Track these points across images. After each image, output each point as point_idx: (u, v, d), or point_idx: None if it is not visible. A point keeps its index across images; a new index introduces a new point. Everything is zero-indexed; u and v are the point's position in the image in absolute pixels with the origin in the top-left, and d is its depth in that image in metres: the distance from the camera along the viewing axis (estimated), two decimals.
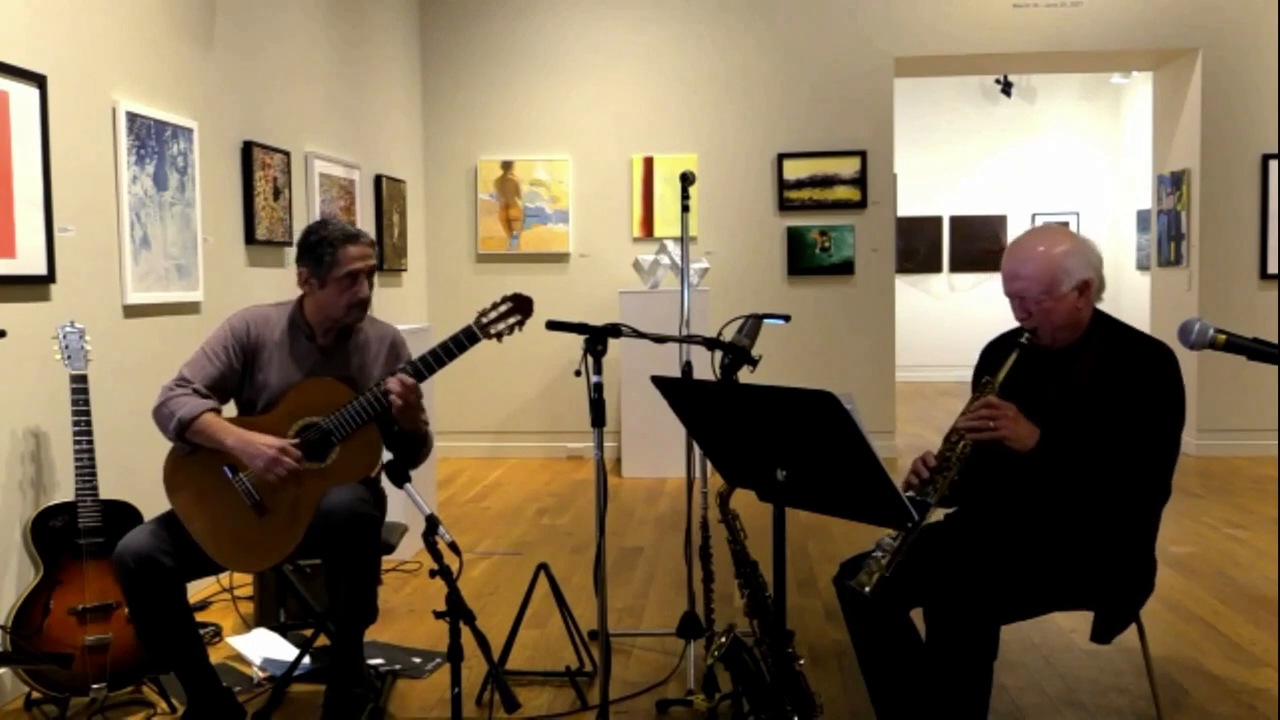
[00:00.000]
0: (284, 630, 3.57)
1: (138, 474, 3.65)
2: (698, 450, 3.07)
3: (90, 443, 3.08)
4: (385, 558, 3.13)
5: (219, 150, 4.61)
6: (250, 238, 4.85)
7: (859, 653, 2.63)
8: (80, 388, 3.11)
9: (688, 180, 3.57)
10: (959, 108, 11.88)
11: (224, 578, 3.81)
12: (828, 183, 7.29)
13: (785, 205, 7.34)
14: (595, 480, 2.75)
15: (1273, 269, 6.99)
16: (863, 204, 7.27)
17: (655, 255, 6.79)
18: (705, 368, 3.05)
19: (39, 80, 3.37)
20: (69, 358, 3.13)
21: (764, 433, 2.23)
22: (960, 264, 12.07)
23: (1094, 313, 2.51)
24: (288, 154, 5.20)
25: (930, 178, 11.88)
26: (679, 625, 3.37)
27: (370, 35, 6.54)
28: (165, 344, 4.06)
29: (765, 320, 3.04)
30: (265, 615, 3.73)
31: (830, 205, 7.30)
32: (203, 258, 4.40)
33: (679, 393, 2.43)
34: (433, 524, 2.52)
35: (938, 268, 12.18)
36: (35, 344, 3.31)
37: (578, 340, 2.74)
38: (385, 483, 2.86)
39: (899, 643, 2.56)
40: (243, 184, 4.82)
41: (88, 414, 3.09)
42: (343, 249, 2.87)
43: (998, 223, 11.98)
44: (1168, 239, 7.56)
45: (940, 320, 11.88)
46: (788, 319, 3.36)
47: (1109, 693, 3.18)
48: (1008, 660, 3.36)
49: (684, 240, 3.69)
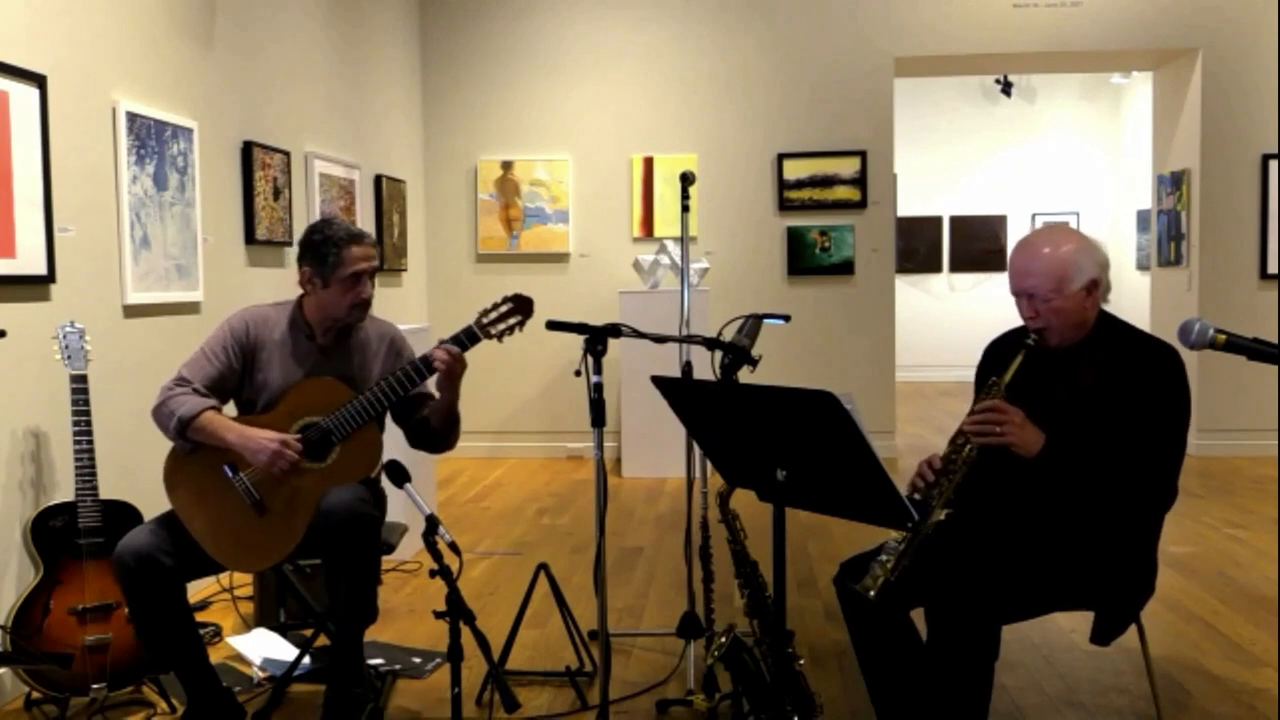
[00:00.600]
0: (284, 630, 3.57)
1: (138, 474, 3.65)
2: (698, 450, 3.07)
3: (90, 443, 3.07)
4: (385, 558, 3.13)
5: (219, 150, 4.61)
6: (250, 238, 4.85)
7: (859, 653, 2.62)
8: (80, 388, 3.11)
9: (688, 180, 3.57)
10: (959, 108, 11.88)
11: (224, 578, 3.81)
12: (828, 183, 7.29)
13: (785, 205, 7.34)
14: (595, 480, 2.75)
15: (1273, 269, 6.99)
16: (863, 204, 7.27)
17: (655, 255, 6.79)
18: (705, 368, 3.05)
19: (39, 80, 3.38)
20: (69, 358, 3.13)
21: (764, 433, 2.23)
22: (960, 264, 12.08)
23: (1099, 313, 2.51)
24: (288, 154, 5.20)
25: (930, 178, 11.88)
26: (679, 625, 3.37)
27: (370, 35, 6.54)
28: (165, 344, 4.06)
29: (765, 320, 3.04)
30: (265, 615, 3.73)
31: (830, 205, 7.30)
32: (203, 258, 4.40)
33: (679, 393, 2.43)
34: (433, 524, 2.52)
35: (938, 268, 12.18)
36: (35, 344, 3.31)
37: (578, 340, 2.74)
38: (385, 483, 2.86)
39: (899, 643, 2.56)
40: (243, 184, 4.82)
41: (88, 414, 3.09)
42: (347, 249, 2.87)
43: (998, 223, 11.99)
44: (1168, 239, 7.56)
45: (940, 320, 11.88)
46: (788, 319, 3.36)
47: (1109, 693, 3.18)
48: (1008, 660, 3.36)
49: (684, 240, 3.69)
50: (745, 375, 2.88)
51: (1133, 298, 10.57)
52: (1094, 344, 2.48)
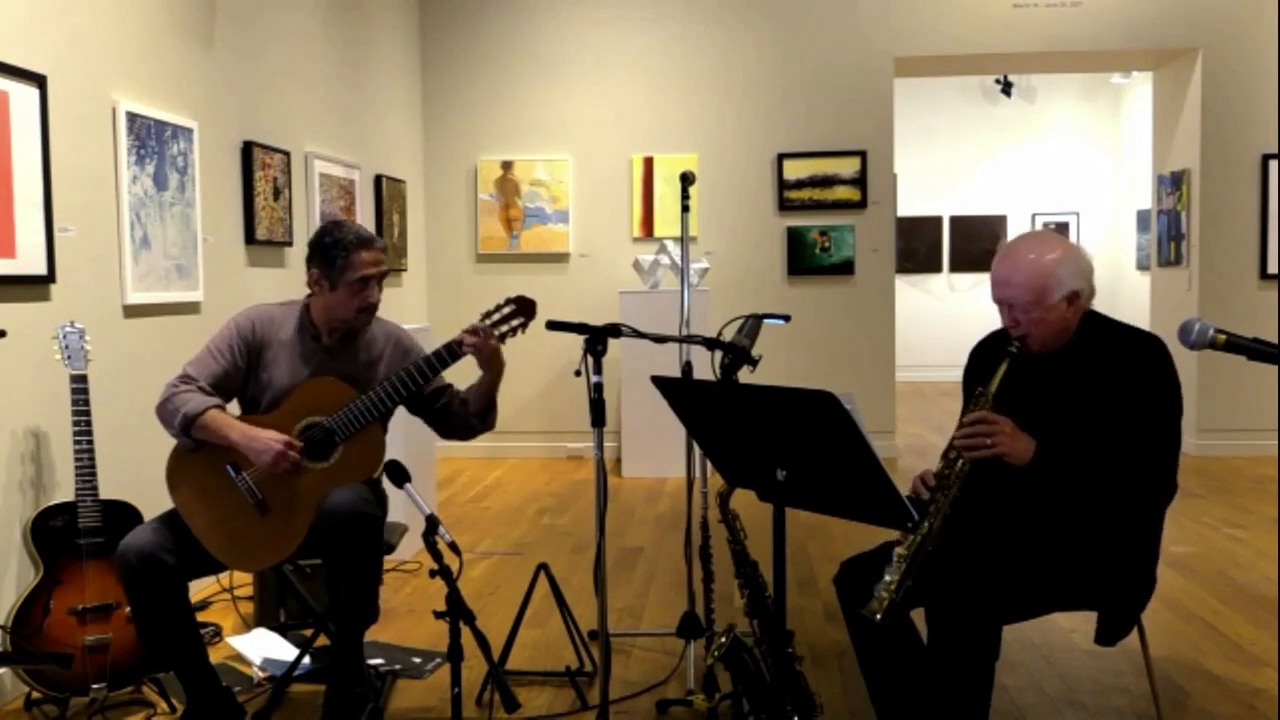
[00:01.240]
0: (284, 630, 3.57)
1: (138, 474, 3.65)
2: (698, 450, 3.07)
3: (90, 443, 3.08)
4: (385, 557, 3.13)
5: (219, 150, 4.61)
6: (250, 238, 4.85)
7: (859, 653, 2.62)
8: (80, 388, 3.11)
9: (688, 180, 3.57)
10: (959, 108, 11.88)
11: (224, 578, 3.80)
12: (828, 183, 7.29)
13: (785, 205, 7.34)
14: (595, 480, 2.75)
15: (1273, 269, 6.99)
16: (863, 204, 7.27)
17: (655, 255, 6.79)
18: (705, 368, 3.05)
19: (39, 80, 3.38)
20: (69, 358, 3.13)
21: (764, 433, 2.23)
22: (960, 264, 12.07)
23: (1085, 313, 2.49)
24: (288, 154, 5.20)
25: (930, 178, 11.88)
26: (679, 625, 3.37)
27: (370, 35, 6.54)
28: (165, 344, 4.06)
29: (765, 320, 3.04)
30: (265, 615, 3.73)
31: (830, 205, 7.30)
32: (203, 258, 4.40)
33: (679, 393, 2.43)
34: (433, 524, 2.52)
35: (938, 268, 12.18)
36: (35, 344, 3.31)
37: (578, 340, 2.74)
38: (385, 483, 2.86)
39: (899, 643, 2.56)
40: (243, 184, 4.82)
41: (88, 414, 3.09)
42: (356, 253, 2.87)
43: (998, 223, 11.98)
44: (1168, 239, 7.56)
45: (940, 320, 11.88)
46: (788, 319, 3.36)
47: (1109, 693, 3.18)
48: (1008, 660, 3.36)
49: (684, 240, 3.69)
50: (745, 375, 2.88)
51: (1133, 298, 10.58)
52: (1078, 346, 2.47)
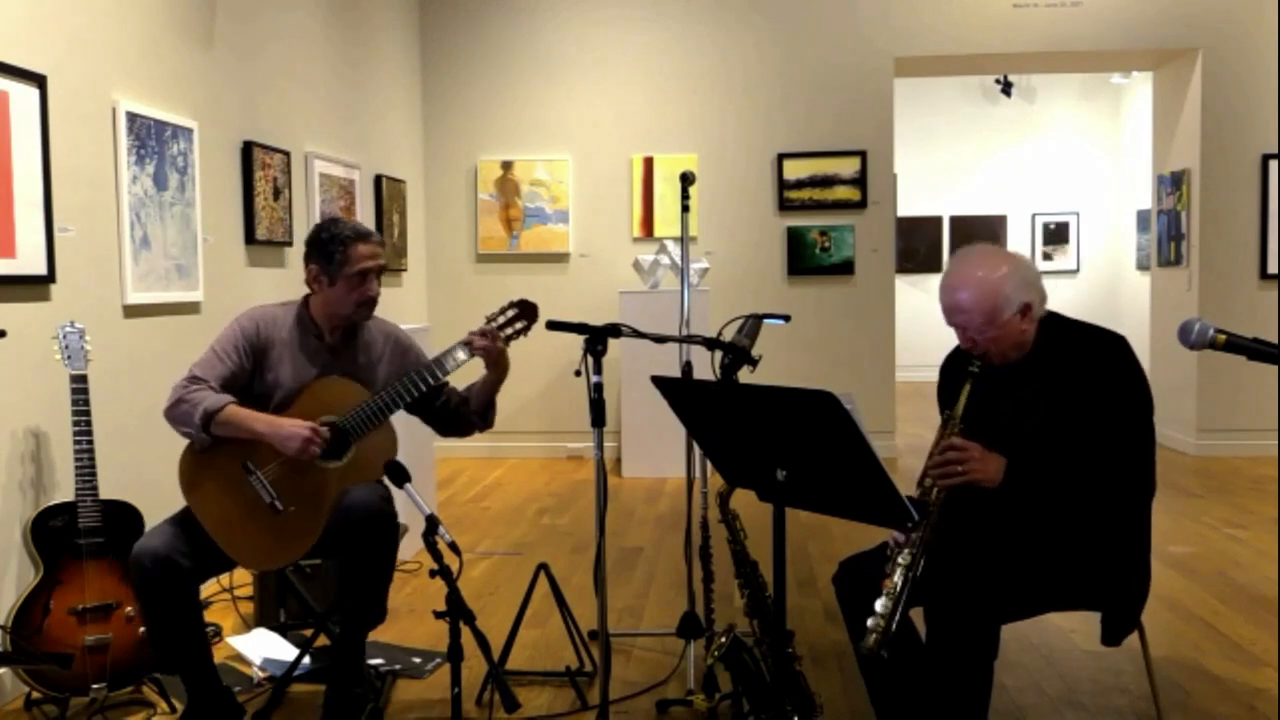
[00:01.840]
0: (284, 630, 3.57)
1: (138, 474, 3.65)
2: (698, 450, 3.08)
3: (90, 443, 3.07)
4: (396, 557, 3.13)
5: (219, 150, 4.61)
6: (250, 238, 4.85)
7: (858, 653, 2.62)
8: (80, 388, 3.11)
9: (688, 180, 3.57)
10: (959, 108, 11.87)
11: (224, 577, 3.80)
12: (828, 183, 7.29)
13: (785, 205, 7.34)
14: (595, 480, 2.75)
15: (1273, 269, 6.99)
16: (863, 204, 7.27)
17: (655, 255, 6.79)
18: (705, 368, 3.05)
19: (39, 80, 3.37)
20: (69, 358, 3.13)
21: (764, 433, 2.23)
22: None
23: (1046, 316, 2.49)
24: (288, 154, 5.20)
25: (930, 178, 11.88)
26: (679, 625, 3.37)
27: (370, 35, 6.54)
28: (165, 344, 4.06)
29: (765, 320, 3.04)
30: (265, 615, 3.73)
31: (830, 205, 7.30)
32: (203, 258, 4.40)
33: (679, 393, 2.43)
34: (433, 524, 2.52)
35: (938, 268, 12.16)
36: (35, 344, 3.31)
37: (578, 340, 2.74)
38: (386, 483, 2.86)
39: (899, 643, 2.55)
40: (243, 184, 4.82)
41: (88, 414, 3.09)
42: (353, 247, 2.87)
43: (998, 223, 11.98)
44: (1168, 239, 7.56)
45: (940, 320, 11.76)
46: (788, 319, 3.36)
47: (1109, 693, 3.18)
48: (1008, 660, 3.36)
49: (684, 240, 3.69)
50: (745, 375, 2.88)
51: (1133, 298, 10.58)
52: (1038, 354, 2.47)
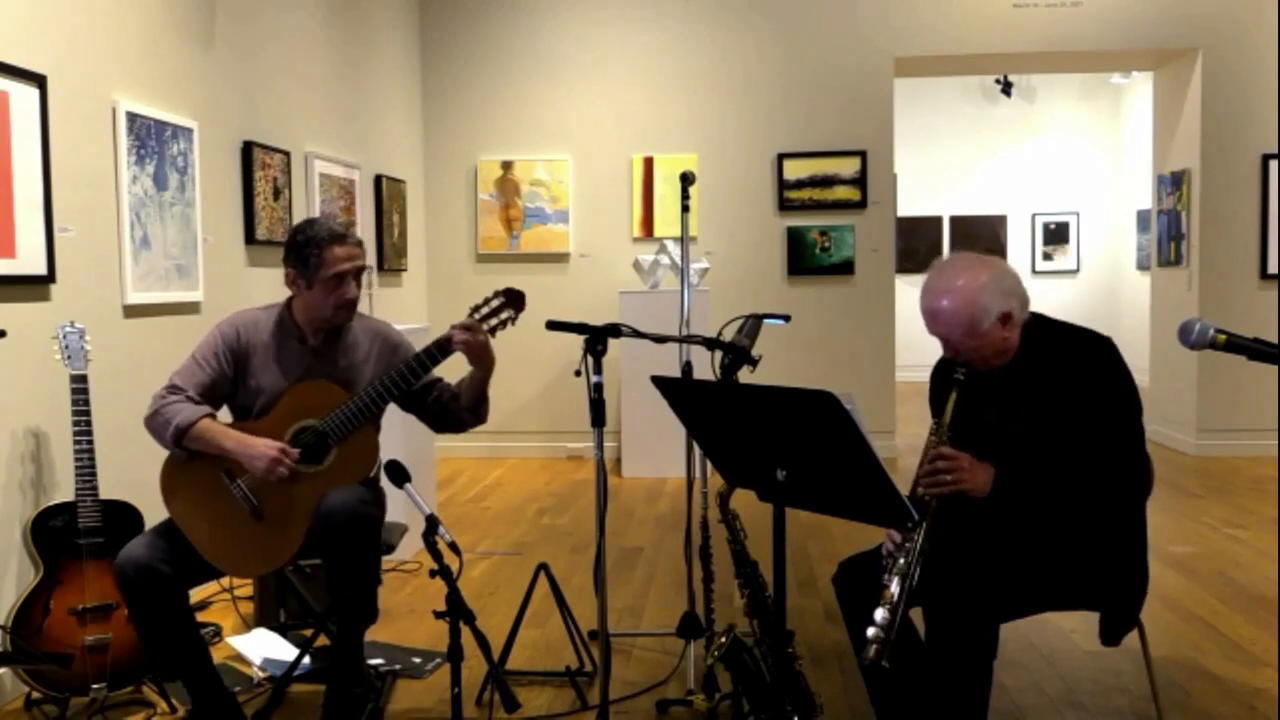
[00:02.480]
0: (284, 630, 3.57)
1: (138, 474, 3.64)
2: (698, 450, 3.07)
3: (90, 443, 3.08)
4: (385, 558, 3.13)
5: (219, 150, 4.61)
6: (250, 238, 4.85)
7: (858, 653, 2.62)
8: (80, 388, 3.11)
9: (688, 180, 3.57)
10: (959, 108, 11.87)
11: (224, 578, 3.80)
12: (828, 183, 7.29)
13: (785, 205, 7.34)
14: (595, 480, 2.75)
15: (1273, 269, 6.99)
16: (863, 204, 7.27)
17: (655, 255, 6.79)
18: (705, 368, 3.05)
19: (39, 80, 3.37)
20: (69, 358, 3.13)
21: (764, 433, 2.23)
22: None
23: (1030, 320, 2.48)
24: (288, 154, 5.20)
25: (930, 178, 11.88)
26: (679, 625, 3.37)
27: (370, 35, 6.54)
28: (165, 344, 4.06)
29: (765, 320, 3.04)
30: (265, 615, 3.73)
31: (830, 205, 7.30)
32: (203, 258, 4.40)
33: (679, 393, 2.43)
34: (433, 524, 2.52)
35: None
36: (35, 344, 3.31)
37: (578, 340, 2.74)
38: (385, 483, 2.86)
39: (898, 642, 2.55)
40: (243, 184, 4.82)
41: (88, 414, 3.09)
42: (329, 250, 2.82)
43: (998, 223, 11.98)
44: (1168, 239, 7.56)
45: None
46: (788, 319, 3.36)
47: (1109, 693, 3.18)
48: (1008, 660, 3.36)
49: (684, 240, 3.69)
50: (745, 375, 2.88)
51: (1133, 298, 10.58)
52: (1024, 358, 2.47)
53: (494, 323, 2.89)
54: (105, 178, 3.79)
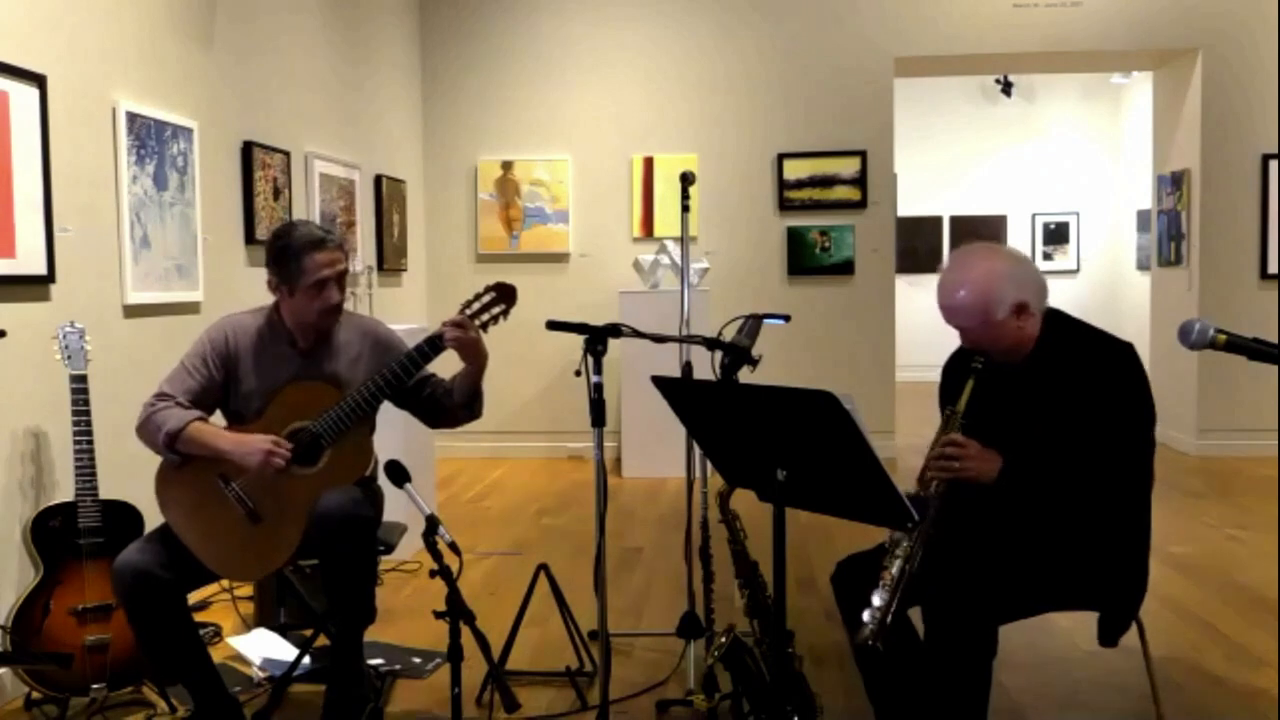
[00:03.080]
0: (284, 630, 3.57)
1: (138, 474, 3.63)
2: (698, 450, 3.07)
3: (90, 443, 3.07)
4: (385, 558, 3.13)
5: (219, 150, 4.61)
6: (250, 238, 4.85)
7: (856, 653, 2.62)
8: (80, 388, 3.11)
9: (688, 180, 3.57)
10: (959, 108, 11.87)
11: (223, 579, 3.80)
12: (828, 183, 7.29)
13: (785, 205, 7.34)
14: (595, 480, 2.75)
15: (1273, 269, 6.99)
16: (863, 204, 7.27)
17: (655, 255, 6.79)
18: (705, 368, 3.05)
19: (39, 80, 3.37)
20: (69, 358, 3.13)
21: (764, 433, 2.23)
22: None
23: (1047, 318, 2.48)
24: (288, 154, 5.20)
25: (930, 178, 11.87)
26: (679, 625, 3.37)
27: (370, 35, 6.54)
28: (165, 344, 4.06)
29: (765, 320, 3.04)
30: (265, 616, 3.73)
31: (830, 205, 7.30)
32: (203, 258, 4.40)
33: (679, 393, 2.43)
34: (433, 524, 2.52)
35: (938, 268, 12.10)
36: (35, 344, 3.30)
37: (578, 340, 2.74)
38: (385, 483, 2.85)
39: (897, 642, 2.56)
40: (243, 184, 4.82)
41: (88, 414, 3.09)
42: (309, 257, 2.78)
43: (998, 223, 11.98)
44: (1168, 239, 7.56)
45: (940, 320, 11.77)
46: (788, 319, 3.36)
47: (1109, 693, 3.18)
48: (1008, 660, 3.36)
49: (684, 240, 3.69)
50: (745, 375, 2.88)
51: (1133, 298, 10.57)
52: (1045, 354, 2.46)
53: (485, 318, 2.88)
54: (105, 178, 3.79)
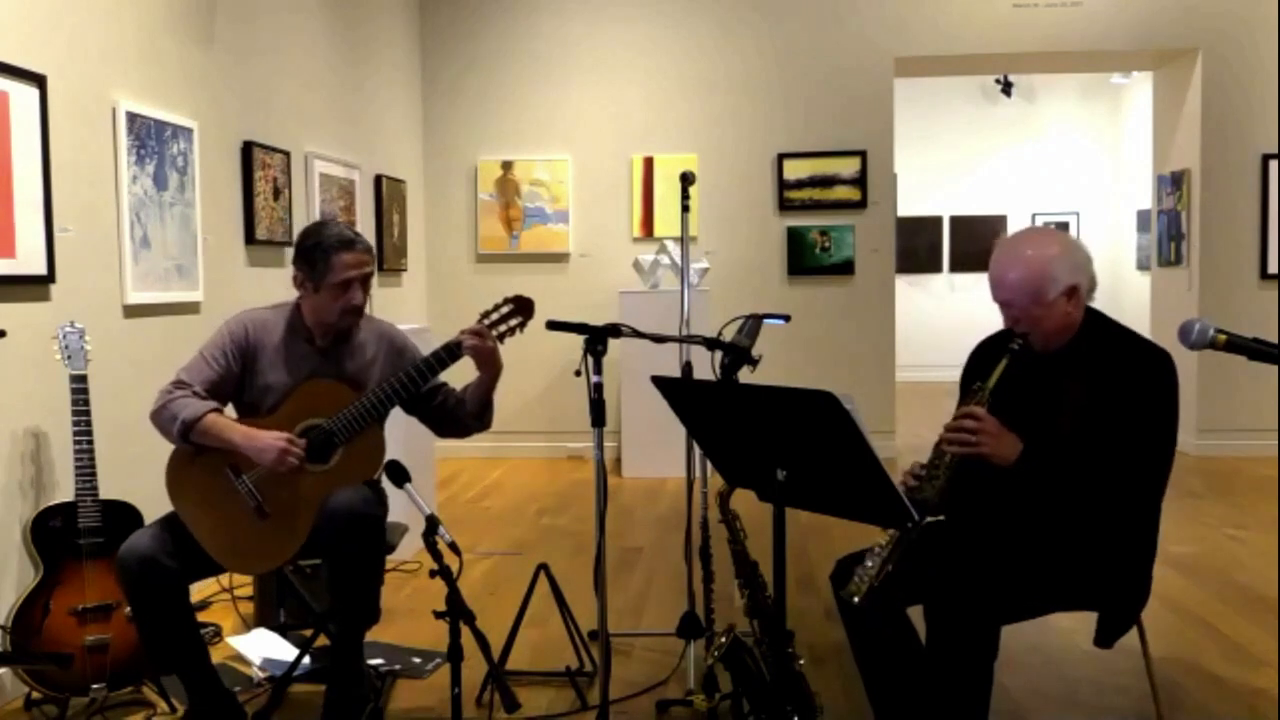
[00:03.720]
0: (284, 630, 3.57)
1: (138, 474, 3.64)
2: (698, 450, 3.07)
3: (90, 443, 3.07)
4: (385, 558, 3.12)
5: (219, 150, 4.61)
6: (250, 238, 4.85)
7: (856, 653, 2.62)
8: (80, 388, 3.11)
9: (688, 180, 3.57)
10: (959, 108, 11.87)
11: (224, 578, 3.81)
12: (828, 183, 7.29)
13: (785, 205, 7.34)
14: (595, 480, 2.75)
15: (1273, 269, 6.99)
16: (863, 204, 7.27)
17: (655, 255, 6.79)
18: (705, 368, 3.05)
19: (39, 80, 3.37)
20: (69, 358, 3.13)
21: (764, 433, 2.23)
22: (960, 264, 12.07)
23: (1088, 314, 2.48)
24: (288, 154, 5.20)
25: (930, 178, 11.88)
26: (679, 625, 3.37)
27: (370, 35, 6.54)
28: (165, 344, 4.06)
29: (765, 320, 3.04)
30: (265, 615, 3.73)
31: (830, 205, 7.30)
32: (203, 258, 4.40)
33: (679, 393, 2.43)
34: (433, 524, 2.52)
35: (938, 268, 12.18)
36: (35, 344, 3.30)
37: (578, 340, 2.74)
38: (385, 483, 2.86)
39: (897, 643, 2.56)
40: (243, 184, 4.82)
41: (88, 414, 3.09)
42: (337, 256, 2.83)
43: (998, 223, 11.98)
44: (1168, 239, 7.56)
45: (940, 320, 11.87)
46: (788, 319, 3.36)
47: (1109, 693, 3.18)
48: (1008, 660, 3.35)
49: (684, 240, 3.69)
50: (745, 375, 2.88)
51: (1133, 298, 10.57)
52: (1080, 349, 2.45)
53: (503, 329, 2.93)
54: (105, 178, 3.79)
